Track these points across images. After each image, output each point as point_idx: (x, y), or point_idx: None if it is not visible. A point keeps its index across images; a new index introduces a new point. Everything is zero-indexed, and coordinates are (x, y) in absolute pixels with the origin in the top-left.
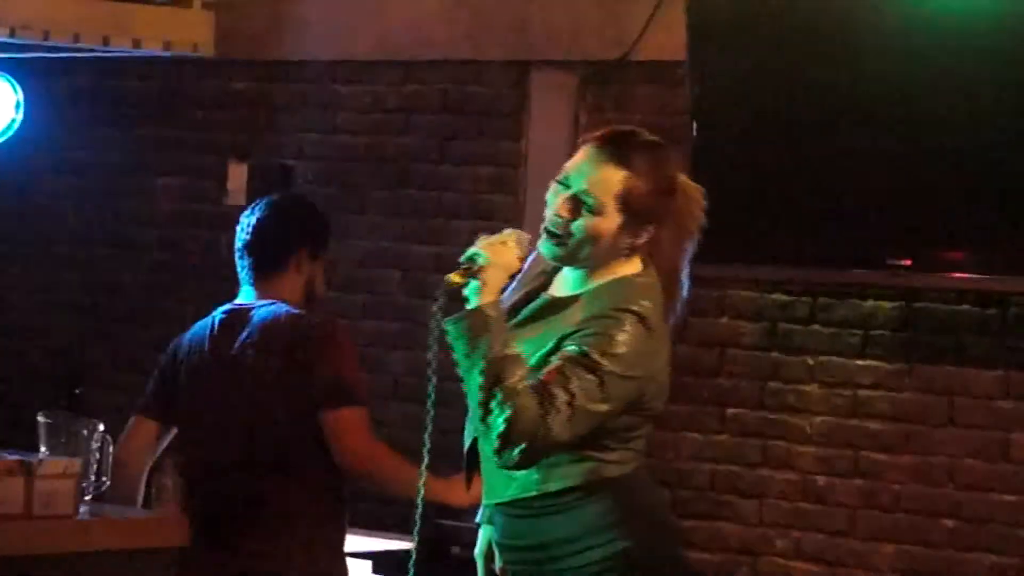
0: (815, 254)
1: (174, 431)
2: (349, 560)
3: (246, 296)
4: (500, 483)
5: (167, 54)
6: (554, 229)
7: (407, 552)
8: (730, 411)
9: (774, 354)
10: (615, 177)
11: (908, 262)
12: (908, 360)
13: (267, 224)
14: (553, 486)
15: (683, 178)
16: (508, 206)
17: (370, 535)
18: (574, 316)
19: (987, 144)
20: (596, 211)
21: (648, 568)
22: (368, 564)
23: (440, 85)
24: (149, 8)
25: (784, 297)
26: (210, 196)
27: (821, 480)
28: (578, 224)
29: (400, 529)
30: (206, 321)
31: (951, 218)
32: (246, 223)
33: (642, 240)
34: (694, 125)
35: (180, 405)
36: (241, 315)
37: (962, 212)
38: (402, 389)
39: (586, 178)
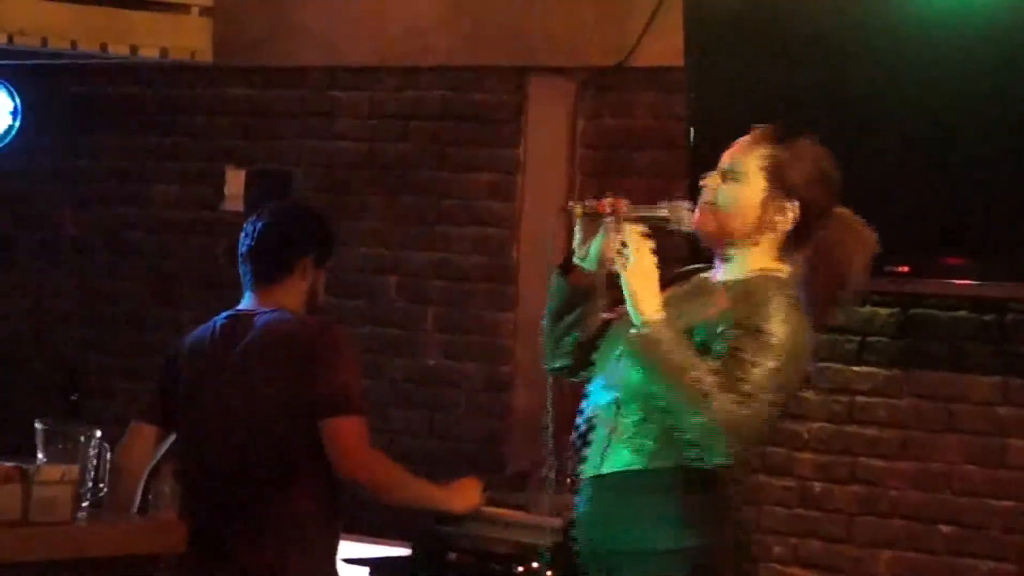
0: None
1: (173, 437)
2: (347, 567)
3: (248, 302)
4: (609, 456)
5: (165, 61)
6: (701, 201)
7: (404, 559)
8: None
9: None
10: (762, 149)
11: (906, 268)
12: (906, 366)
13: (272, 231)
14: (659, 463)
15: (854, 217)
16: (507, 212)
17: (367, 542)
18: (726, 302)
19: (985, 150)
20: (739, 179)
21: (706, 569)
22: (366, 571)
23: (439, 91)
24: (147, 15)
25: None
26: (208, 203)
27: (819, 487)
28: (723, 193)
29: (397, 536)
30: (207, 326)
31: (949, 224)
32: (250, 229)
33: (787, 221)
34: (691, 131)
35: (179, 410)
36: (243, 321)
37: (960, 219)
38: (400, 395)
39: (735, 153)
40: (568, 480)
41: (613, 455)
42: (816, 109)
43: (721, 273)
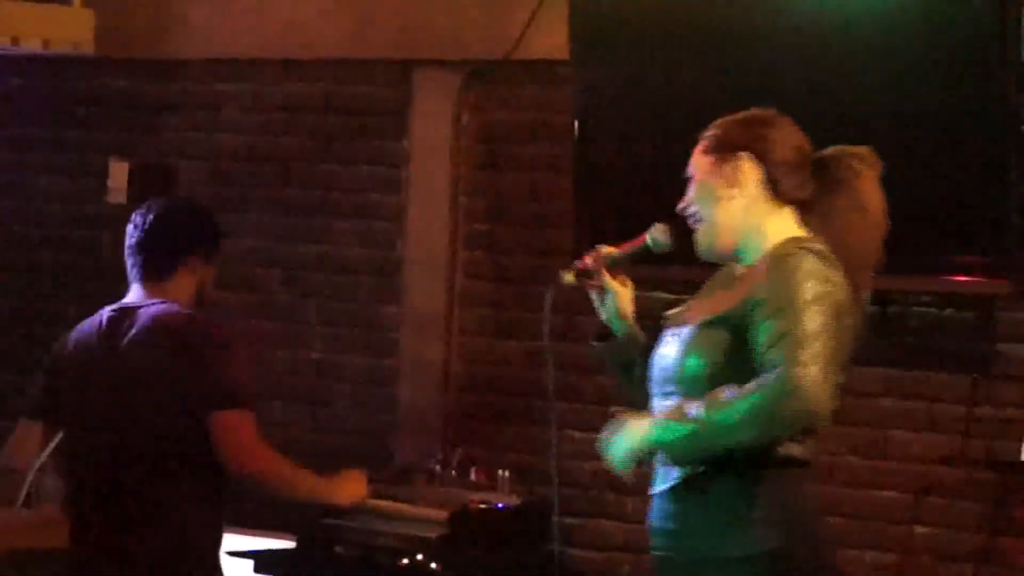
0: (693, 253)
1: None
2: (232, 560)
3: (136, 295)
4: (668, 467)
5: (47, 52)
6: (691, 219)
7: (289, 551)
8: (613, 408)
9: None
10: (701, 143)
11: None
12: None
13: (163, 227)
14: (726, 465)
15: (874, 179)
16: (391, 205)
17: (252, 535)
18: (746, 278)
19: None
20: (716, 196)
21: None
22: (250, 564)
23: (322, 84)
24: (29, 6)
25: (665, 296)
26: (92, 195)
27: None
28: (704, 213)
29: (282, 528)
30: (94, 319)
31: None
32: (139, 222)
33: (748, 170)
34: (576, 124)
35: (66, 404)
36: (130, 314)
37: None
38: (285, 389)
39: (705, 168)
40: (453, 473)
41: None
42: (699, 101)
43: (745, 262)
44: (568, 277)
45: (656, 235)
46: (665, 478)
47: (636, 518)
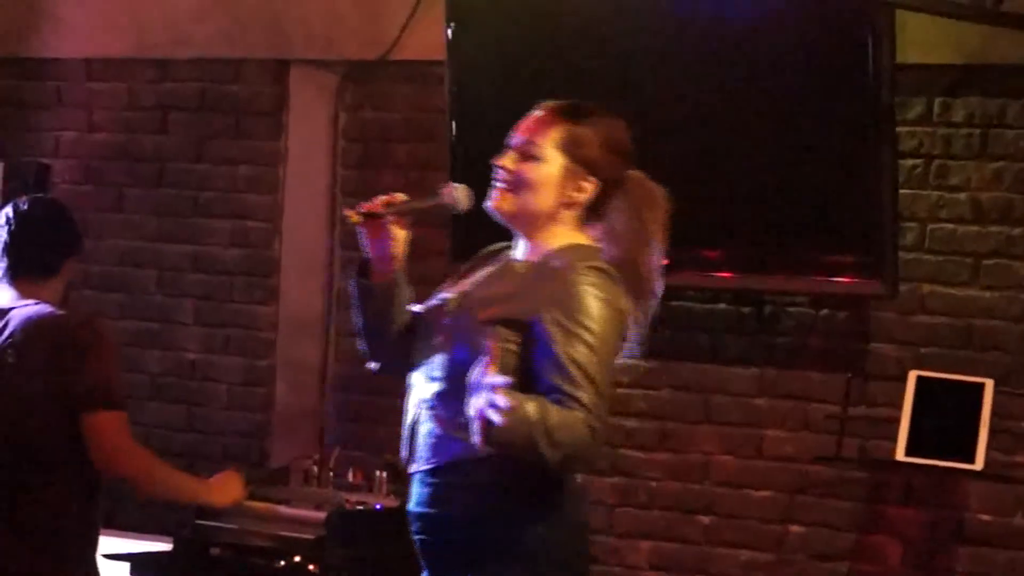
0: None
1: None
2: (107, 562)
3: (5, 296)
4: (439, 449)
5: None
6: (499, 182)
7: (165, 553)
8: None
9: None
10: (557, 126)
11: (665, 261)
12: (665, 358)
13: (36, 228)
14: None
15: (643, 176)
16: (267, 205)
17: (128, 537)
18: (531, 281)
19: (742, 145)
20: (538, 157)
21: (549, 564)
22: (126, 566)
23: (197, 83)
24: None
25: None
26: None
27: (579, 478)
28: (521, 172)
29: (158, 531)
30: None
31: (707, 217)
32: (6, 223)
33: (586, 195)
34: (452, 124)
35: None
36: (2, 316)
37: (718, 211)
38: (159, 389)
39: (528, 131)
40: (331, 474)
41: (442, 448)
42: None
43: (523, 252)
44: (354, 217)
45: (455, 194)
46: (426, 459)
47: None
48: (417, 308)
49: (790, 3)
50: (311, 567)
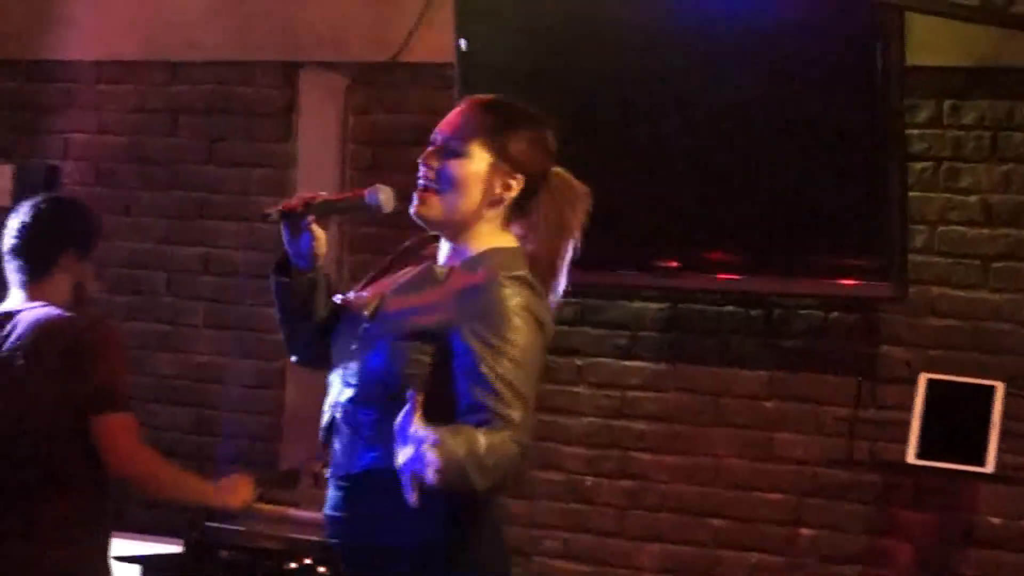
0: (582, 256)
1: None
2: (118, 564)
3: (15, 299)
4: (354, 455)
5: None
6: (422, 182)
7: (176, 556)
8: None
9: None
10: (483, 122)
11: (675, 264)
12: (675, 361)
13: (32, 226)
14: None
15: (566, 174)
16: None
17: (138, 539)
18: (450, 290)
19: (752, 148)
20: (462, 154)
21: (466, 565)
22: (137, 569)
23: (207, 86)
24: None
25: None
26: None
27: (589, 480)
28: (445, 172)
29: (168, 533)
30: None
31: (717, 220)
32: (12, 226)
33: (512, 192)
34: None
35: None
36: (10, 318)
37: (727, 214)
38: (168, 391)
39: (452, 128)
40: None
41: (358, 454)
42: (585, 105)
43: (447, 255)
44: (274, 215)
45: (378, 195)
46: (344, 465)
47: (522, 521)
48: (339, 299)
49: (799, 7)
50: (321, 569)
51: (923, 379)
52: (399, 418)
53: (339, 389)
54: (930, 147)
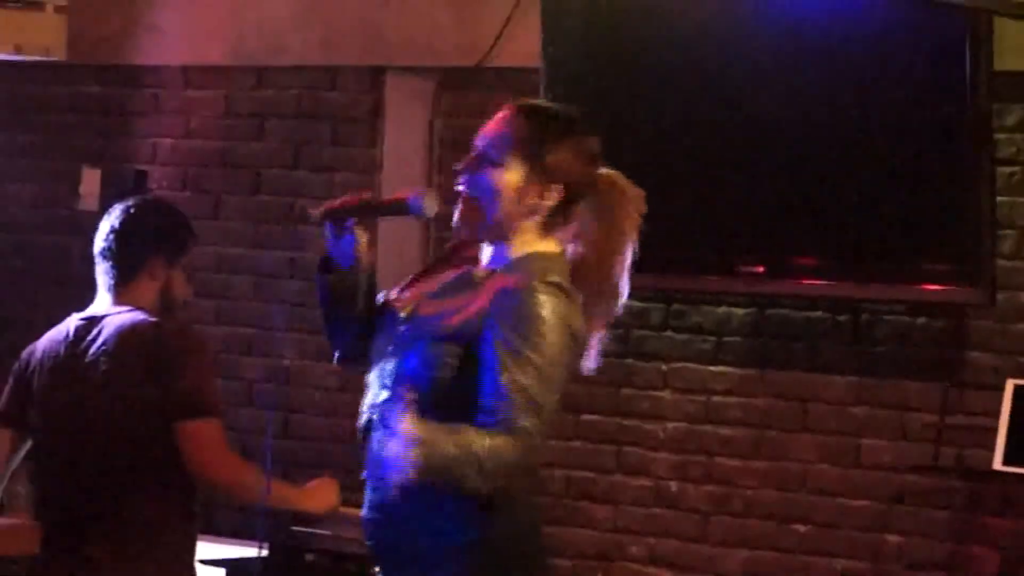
0: (668, 261)
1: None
2: (203, 568)
3: (102, 303)
4: (381, 457)
5: (18, 57)
6: (460, 188)
7: (261, 559)
8: (584, 417)
9: (628, 360)
10: (521, 131)
11: (761, 269)
12: (761, 366)
13: (122, 230)
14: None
15: (619, 177)
16: None
17: (224, 542)
18: (485, 294)
19: (839, 153)
20: (499, 163)
21: (504, 566)
22: (222, 572)
23: (294, 91)
24: (1, 11)
25: (638, 304)
26: (63, 201)
27: (674, 486)
28: (480, 179)
29: (253, 537)
30: (61, 328)
31: (803, 225)
32: (103, 229)
33: (549, 202)
34: None
35: (34, 413)
36: (97, 323)
37: (814, 219)
38: (255, 395)
39: (491, 136)
40: None
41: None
42: (672, 109)
43: (488, 258)
44: (317, 215)
45: (421, 199)
46: (379, 465)
47: (607, 527)
48: (381, 297)
49: (888, 11)
50: None
51: (1010, 385)
52: (388, 411)
53: (376, 390)
54: (1018, 151)
